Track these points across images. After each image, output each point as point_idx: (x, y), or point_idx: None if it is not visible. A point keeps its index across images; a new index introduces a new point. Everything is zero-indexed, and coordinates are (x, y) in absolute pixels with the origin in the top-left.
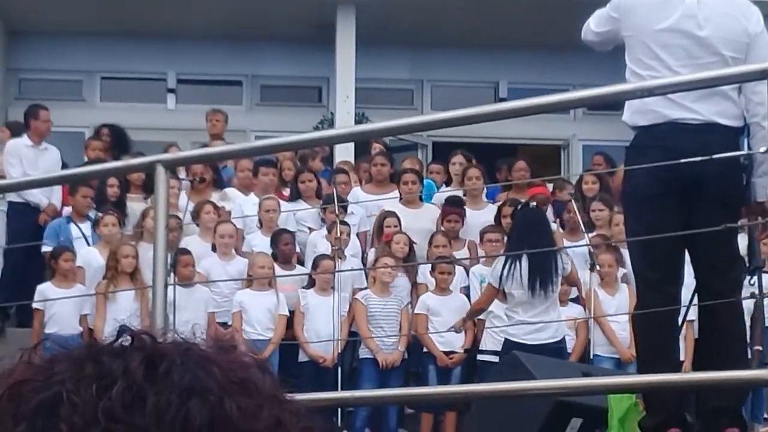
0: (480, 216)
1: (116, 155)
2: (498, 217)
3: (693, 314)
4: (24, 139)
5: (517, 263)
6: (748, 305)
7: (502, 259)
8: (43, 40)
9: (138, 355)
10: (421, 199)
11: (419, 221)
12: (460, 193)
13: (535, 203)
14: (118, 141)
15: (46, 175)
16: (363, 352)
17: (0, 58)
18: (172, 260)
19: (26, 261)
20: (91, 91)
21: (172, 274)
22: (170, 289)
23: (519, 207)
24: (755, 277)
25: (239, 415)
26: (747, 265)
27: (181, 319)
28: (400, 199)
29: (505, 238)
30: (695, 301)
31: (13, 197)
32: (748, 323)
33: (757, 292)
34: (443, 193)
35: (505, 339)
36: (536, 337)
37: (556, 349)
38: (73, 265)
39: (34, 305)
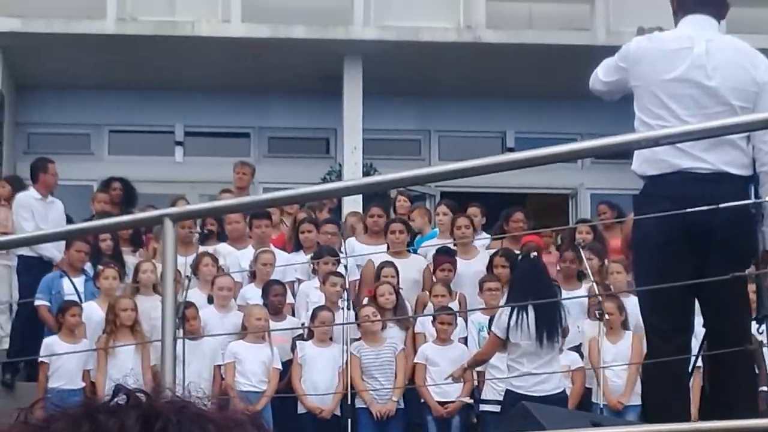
0: (472, 265)
1: (124, 209)
2: (490, 265)
3: (699, 361)
4: (32, 192)
5: (523, 314)
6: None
7: (506, 309)
8: (51, 94)
9: (134, 414)
10: (408, 250)
11: (407, 271)
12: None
13: (535, 253)
14: (127, 195)
15: (58, 229)
16: (359, 403)
17: (8, 112)
18: (181, 313)
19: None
20: (99, 144)
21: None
22: (178, 342)
23: (520, 258)
24: (764, 326)
25: None
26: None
27: (187, 372)
28: (388, 249)
29: (504, 288)
30: (705, 349)
31: (24, 251)
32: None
33: (766, 340)
34: (430, 246)
35: (507, 390)
36: (541, 388)
37: (559, 400)
38: (80, 320)
39: (41, 359)
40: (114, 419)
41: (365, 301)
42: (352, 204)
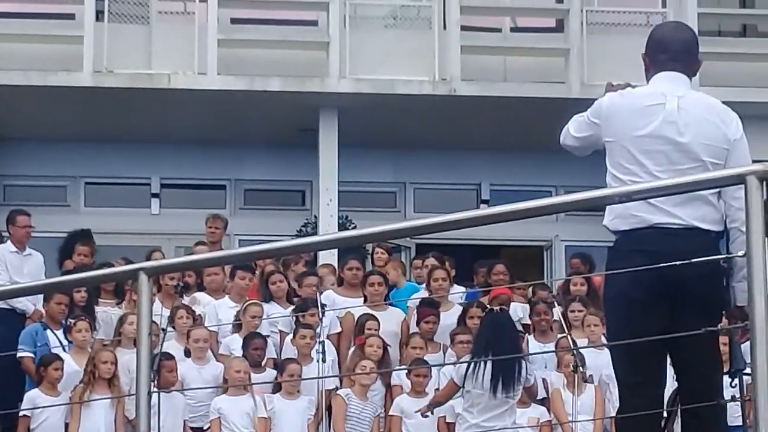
0: (448, 317)
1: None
2: (462, 318)
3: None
4: (8, 245)
5: (482, 364)
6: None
7: (467, 357)
8: (27, 146)
9: None
10: (386, 302)
11: (386, 324)
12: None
13: (500, 306)
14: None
15: (30, 283)
16: None
17: None
18: (156, 365)
19: (12, 368)
20: (75, 196)
21: (155, 380)
22: (153, 395)
23: (486, 311)
24: (736, 380)
25: None
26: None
27: (163, 426)
28: (365, 301)
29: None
30: (677, 403)
31: None
32: None
33: (737, 394)
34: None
35: None
36: None
37: None
38: (62, 374)
39: (22, 413)
40: None
41: (351, 352)
42: (328, 256)
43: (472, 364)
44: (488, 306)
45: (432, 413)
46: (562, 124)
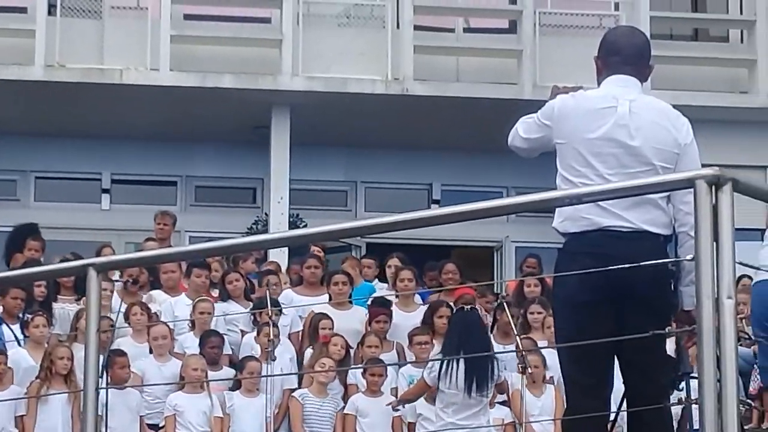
0: (411, 318)
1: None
2: (424, 318)
3: (619, 418)
4: None
5: (454, 364)
6: (676, 411)
7: (436, 358)
8: None
9: None
10: (349, 301)
11: (349, 323)
12: (392, 295)
13: (469, 306)
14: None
15: None
16: None
17: None
18: (104, 362)
19: None
20: (25, 191)
21: (104, 377)
22: (103, 392)
23: (455, 310)
24: (683, 383)
25: None
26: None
27: (113, 423)
28: (330, 300)
29: (434, 340)
30: (624, 406)
31: None
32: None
33: (684, 397)
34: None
35: None
36: None
37: None
38: (5, 367)
39: None
40: None
41: (309, 351)
42: (279, 254)
43: (445, 364)
44: (453, 306)
45: (404, 407)
46: (513, 125)
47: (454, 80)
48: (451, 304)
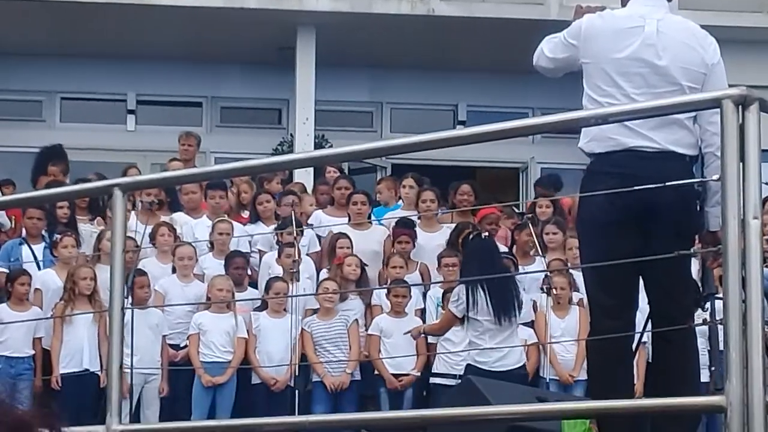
0: (434, 239)
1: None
2: (450, 239)
3: (645, 338)
4: None
5: (478, 293)
6: (702, 331)
7: (462, 288)
8: (2, 61)
9: None
10: (369, 220)
11: (367, 242)
12: (414, 215)
13: (487, 233)
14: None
15: (5, 198)
16: (315, 376)
17: None
18: (129, 282)
19: None
20: (51, 111)
21: (129, 297)
22: (127, 312)
23: (471, 237)
24: (708, 303)
25: None
26: (700, 291)
27: (136, 343)
28: (349, 220)
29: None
30: (649, 326)
31: None
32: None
33: (709, 318)
34: (393, 216)
35: (469, 365)
36: (502, 363)
37: (520, 375)
38: (29, 288)
39: None
40: None
41: (324, 273)
42: (304, 175)
43: (470, 293)
44: (473, 225)
45: (425, 337)
46: (539, 45)
47: (479, 0)
48: (472, 228)
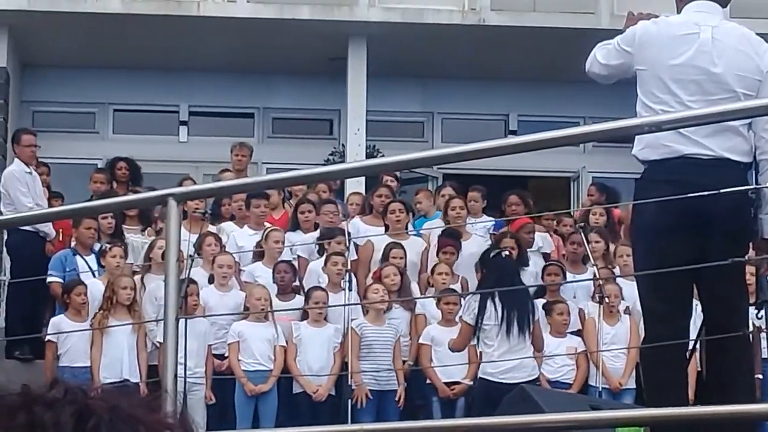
0: (466, 248)
1: (129, 189)
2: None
3: (697, 345)
4: (20, 165)
5: (490, 304)
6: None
7: (476, 299)
8: (56, 73)
9: (69, 409)
10: (406, 231)
11: (406, 253)
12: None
13: (507, 252)
14: (133, 174)
15: (63, 207)
16: (353, 384)
17: (14, 90)
18: (183, 292)
19: (41, 293)
20: (104, 123)
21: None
22: (181, 321)
23: (492, 255)
24: (762, 311)
25: None
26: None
27: (182, 352)
28: (386, 230)
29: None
30: (702, 334)
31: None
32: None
33: (764, 325)
34: (428, 228)
35: (479, 378)
36: (512, 376)
37: None
38: (86, 298)
39: (48, 338)
40: (50, 413)
41: (369, 280)
42: (355, 185)
43: (482, 303)
44: (498, 246)
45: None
46: (592, 51)
47: (530, 10)
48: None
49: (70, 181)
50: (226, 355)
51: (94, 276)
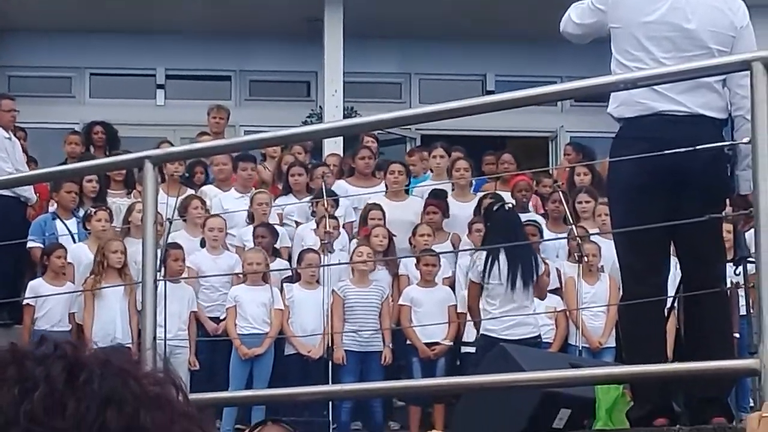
0: (467, 209)
1: (107, 153)
2: (478, 208)
3: (675, 302)
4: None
5: (497, 260)
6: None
7: (481, 255)
8: (32, 37)
9: (60, 363)
10: (406, 192)
11: (403, 214)
12: (448, 185)
13: (510, 204)
14: (110, 138)
15: (40, 170)
16: (351, 346)
17: None
18: (162, 255)
19: (22, 258)
20: (80, 87)
21: (162, 269)
22: (159, 284)
23: (495, 208)
24: (740, 267)
25: (153, 427)
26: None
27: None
28: (386, 191)
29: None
30: (680, 291)
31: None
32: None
33: (742, 281)
34: (426, 186)
35: (482, 334)
36: (514, 332)
37: (533, 345)
38: (65, 262)
39: (26, 301)
40: (41, 367)
41: (355, 242)
42: (333, 146)
43: (488, 260)
44: (501, 197)
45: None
46: (566, 12)
47: None
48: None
49: (47, 146)
50: (222, 318)
51: (74, 240)
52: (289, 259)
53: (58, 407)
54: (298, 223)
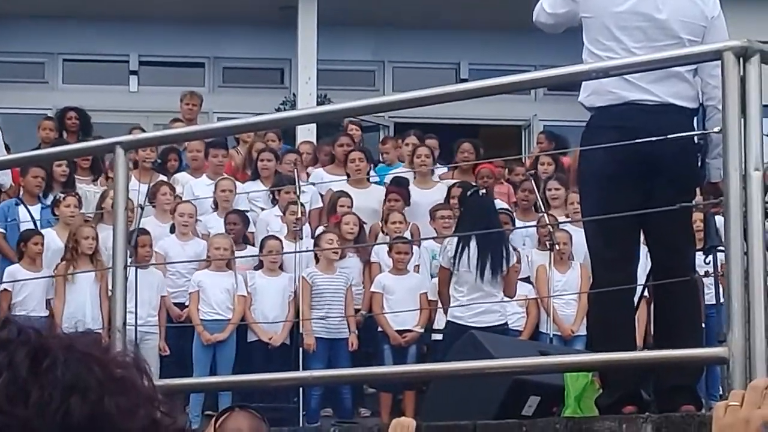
0: (429, 195)
1: (80, 138)
2: (448, 198)
3: (646, 292)
4: None
5: (468, 247)
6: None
7: (452, 241)
8: (4, 23)
9: (23, 349)
10: (368, 179)
11: (366, 201)
12: (410, 173)
13: (484, 190)
14: (84, 124)
15: (11, 156)
16: (320, 332)
17: None
18: (133, 241)
19: None
20: (53, 73)
21: (133, 255)
22: (130, 270)
23: (469, 193)
24: (710, 256)
25: (117, 413)
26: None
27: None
28: (348, 179)
29: (455, 219)
30: (651, 280)
31: None
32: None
33: (711, 270)
34: (393, 174)
35: (448, 321)
36: (481, 319)
37: (500, 332)
38: (42, 248)
39: (2, 286)
40: (3, 353)
41: (321, 229)
42: (306, 134)
43: (459, 246)
44: (473, 183)
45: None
46: (539, 1)
47: None
48: (472, 185)
49: (20, 132)
50: (187, 304)
51: (35, 226)
52: (253, 246)
53: (21, 395)
54: (263, 209)
